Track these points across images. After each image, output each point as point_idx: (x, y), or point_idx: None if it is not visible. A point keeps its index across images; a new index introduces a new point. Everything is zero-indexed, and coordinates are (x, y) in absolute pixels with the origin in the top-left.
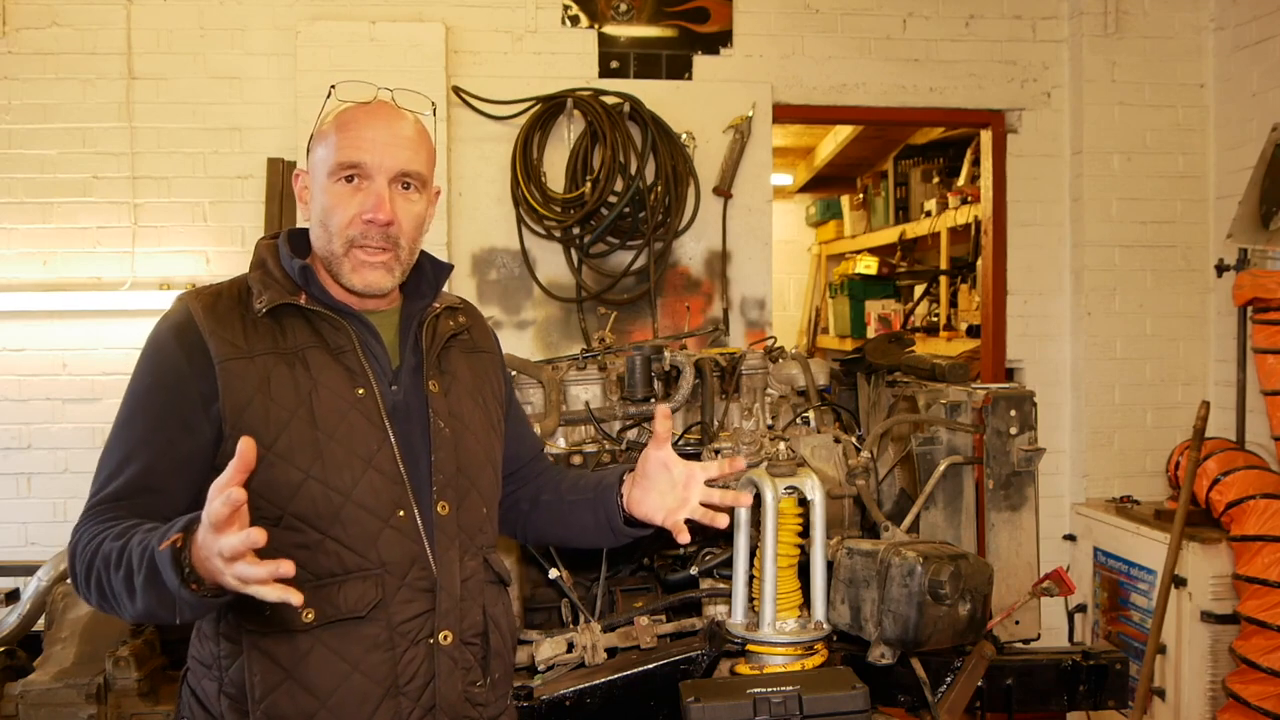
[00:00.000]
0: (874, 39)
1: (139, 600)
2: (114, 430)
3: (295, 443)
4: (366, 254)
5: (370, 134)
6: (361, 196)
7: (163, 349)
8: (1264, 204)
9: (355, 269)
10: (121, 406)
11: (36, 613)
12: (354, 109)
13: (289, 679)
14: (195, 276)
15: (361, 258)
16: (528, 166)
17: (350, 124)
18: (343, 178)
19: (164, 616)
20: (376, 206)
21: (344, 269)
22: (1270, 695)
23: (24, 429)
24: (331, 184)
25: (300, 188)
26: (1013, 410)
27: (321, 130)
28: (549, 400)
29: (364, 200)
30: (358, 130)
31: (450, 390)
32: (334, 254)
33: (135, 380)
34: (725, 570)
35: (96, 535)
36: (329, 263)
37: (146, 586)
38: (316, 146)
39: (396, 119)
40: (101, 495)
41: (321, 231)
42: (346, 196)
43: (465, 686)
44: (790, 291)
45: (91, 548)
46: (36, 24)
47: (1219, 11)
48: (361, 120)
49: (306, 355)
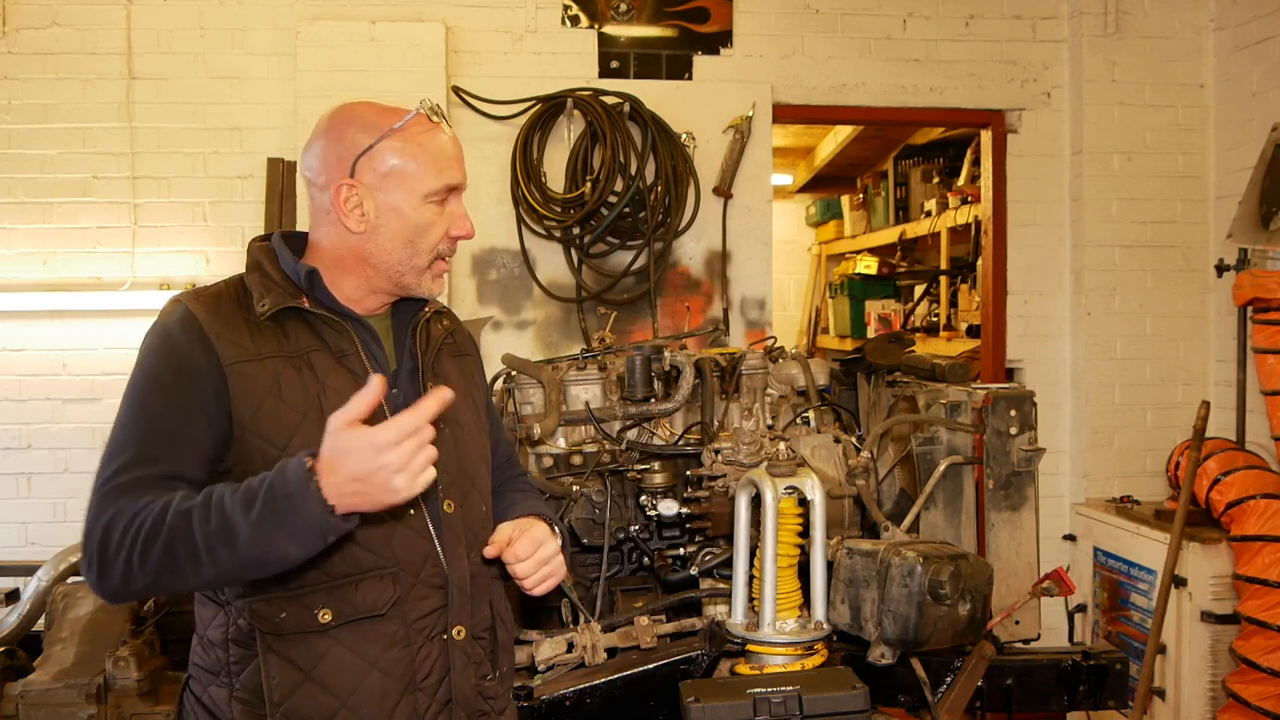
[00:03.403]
0: (874, 39)
1: (242, 548)
2: (126, 417)
3: (307, 444)
4: (444, 264)
5: (451, 152)
6: (447, 216)
7: (172, 341)
8: (1264, 204)
9: (435, 279)
10: (130, 396)
11: (36, 613)
12: (428, 127)
13: (308, 680)
14: (195, 276)
15: (441, 268)
16: (528, 166)
17: (431, 144)
18: (439, 200)
19: (272, 559)
20: (469, 228)
21: (424, 280)
22: (1270, 695)
23: (24, 429)
24: (426, 204)
25: (343, 200)
26: (1013, 410)
27: (393, 146)
28: (549, 400)
29: (449, 219)
30: (441, 150)
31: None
32: (416, 267)
33: (145, 370)
34: (725, 570)
35: (145, 507)
36: (401, 275)
37: (262, 527)
38: (389, 159)
39: (454, 136)
40: (126, 477)
41: (403, 247)
42: (437, 215)
43: (478, 680)
44: (790, 291)
45: (145, 517)
46: (36, 24)
47: (1219, 11)
48: (439, 140)
49: (311, 358)
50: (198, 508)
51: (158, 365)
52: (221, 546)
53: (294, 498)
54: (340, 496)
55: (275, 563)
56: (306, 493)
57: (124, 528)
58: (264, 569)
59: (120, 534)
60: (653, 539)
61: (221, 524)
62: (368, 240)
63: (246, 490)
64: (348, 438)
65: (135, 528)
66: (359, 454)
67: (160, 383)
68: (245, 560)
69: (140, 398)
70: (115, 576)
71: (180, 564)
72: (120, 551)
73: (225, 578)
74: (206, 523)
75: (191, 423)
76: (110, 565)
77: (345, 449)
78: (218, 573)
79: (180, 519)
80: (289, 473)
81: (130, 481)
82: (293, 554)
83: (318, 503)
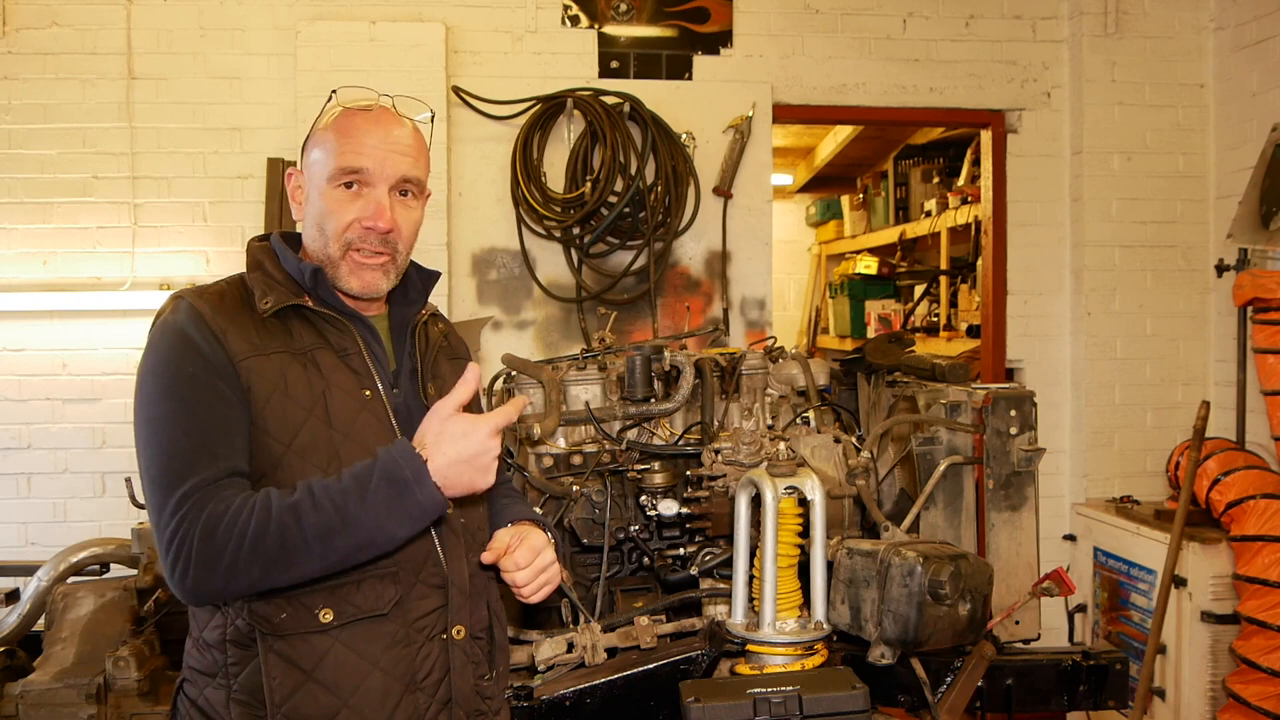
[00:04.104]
0: (874, 39)
1: (355, 532)
2: (172, 417)
3: (313, 441)
4: (364, 256)
5: (372, 141)
6: (362, 203)
7: (189, 337)
8: (1264, 204)
9: (353, 271)
10: (165, 396)
11: (36, 613)
12: (355, 114)
13: (309, 680)
14: (195, 276)
15: (359, 260)
16: (528, 166)
17: (351, 130)
18: (343, 183)
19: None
20: (377, 214)
21: (340, 272)
22: (1270, 695)
23: (24, 429)
24: (331, 188)
25: (293, 187)
26: (1013, 410)
27: (320, 133)
28: (549, 400)
29: (364, 206)
30: (359, 137)
31: (442, 394)
32: (330, 257)
33: (171, 367)
34: (725, 570)
35: (241, 506)
36: (323, 265)
37: (375, 510)
38: (313, 148)
39: (396, 125)
40: (201, 480)
41: (317, 234)
42: (346, 201)
43: (476, 680)
44: (790, 291)
45: (248, 515)
46: (36, 24)
47: (1219, 11)
48: (363, 126)
49: (315, 355)
50: (304, 499)
51: (184, 361)
52: (335, 534)
53: (410, 482)
54: (444, 478)
55: (382, 544)
56: (422, 476)
57: (227, 527)
58: (371, 553)
59: (224, 534)
60: (653, 539)
61: (334, 511)
62: (304, 229)
63: (354, 480)
64: (461, 422)
65: (241, 526)
66: (472, 438)
67: (193, 381)
68: (356, 545)
69: (178, 396)
70: (218, 575)
71: (292, 554)
72: (225, 551)
73: (331, 566)
74: (317, 511)
75: (234, 414)
76: (214, 565)
77: (460, 432)
78: (326, 562)
79: (288, 512)
80: (400, 458)
81: (209, 485)
82: (401, 534)
83: (430, 485)
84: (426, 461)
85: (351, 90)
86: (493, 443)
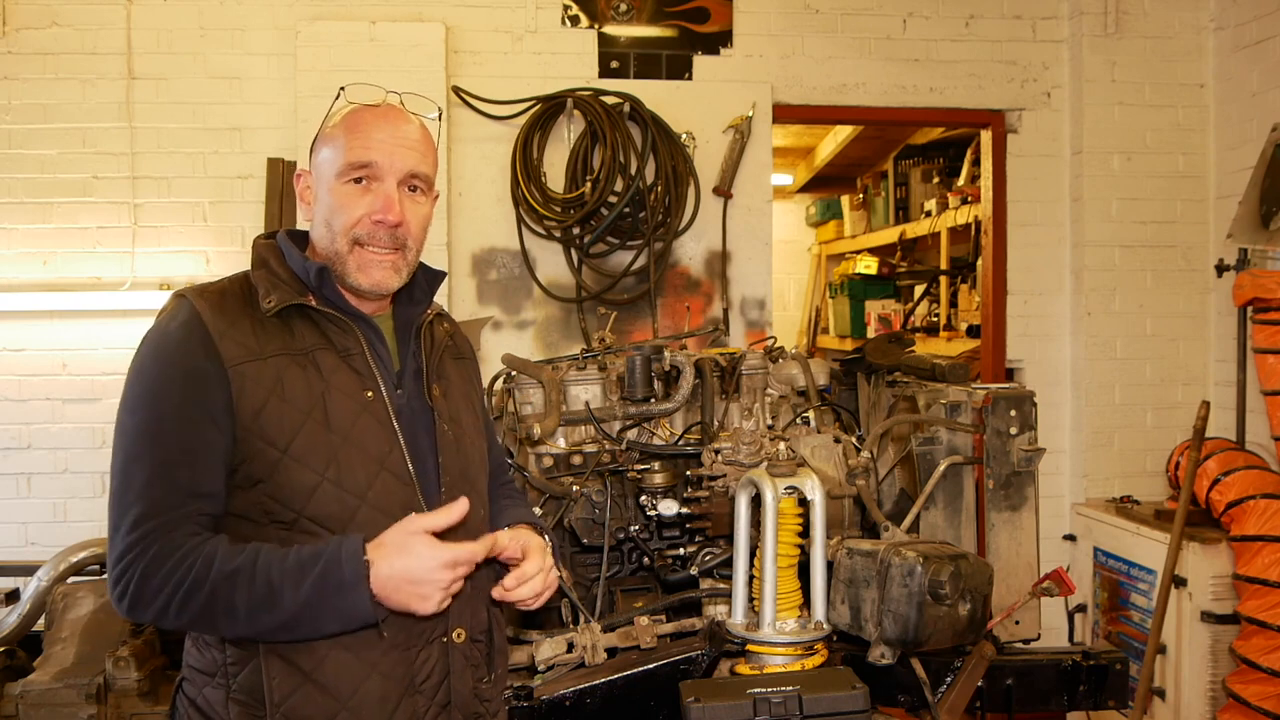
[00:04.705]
0: (874, 39)
1: (283, 617)
2: (139, 434)
3: (310, 445)
4: (373, 253)
5: (380, 135)
6: (370, 198)
7: (173, 348)
8: (1264, 204)
9: (361, 268)
10: (138, 410)
11: (36, 613)
12: (363, 111)
13: (308, 681)
14: (195, 276)
15: (368, 256)
16: (528, 166)
17: (360, 125)
18: (352, 179)
19: (305, 630)
20: (386, 207)
21: (348, 267)
22: (1270, 695)
23: (24, 429)
24: (340, 184)
25: (302, 187)
26: (1013, 410)
27: (328, 131)
28: (549, 400)
29: (373, 201)
30: (367, 132)
31: (448, 395)
32: (338, 253)
33: (150, 379)
34: (725, 570)
35: (186, 554)
36: (331, 262)
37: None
38: (322, 147)
39: (404, 121)
40: (155, 508)
41: (325, 230)
42: (355, 196)
43: (475, 683)
44: (790, 291)
45: (188, 567)
46: (36, 24)
47: (1219, 11)
48: (371, 122)
49: (316, 356)
50: (245, 569)
51: (162, 375)
52: (264, 612)
53: (346, 588)
54: (384, 589)
55: (308, 633)
56: (360, 586)
57: (165, 574)
58: (297, 636)
59: (160, 580)
60: (653, 539)
61: (267, 593)
62: (312, 228)
63: (297, 565)
64: (422, 543)
65: (178, 578)
66: (425, 563)
67: (168, 396)
68: (281, 625)
69: (149, 414)
70: (149, 614)
71: (217, 618)
72: (159, 597)
73: (256, 635)
74: (251, 587)
75: (204, 434)
76: (146, 605)
77: (415, 552)
78: (251, 631)
79: (225, 580)
80: (345, 558)
81: (162, 516)
82: (328, 630)
83: (367, 596)
84: (370, 565)
85: (360, 87)
86: (442, 575)
